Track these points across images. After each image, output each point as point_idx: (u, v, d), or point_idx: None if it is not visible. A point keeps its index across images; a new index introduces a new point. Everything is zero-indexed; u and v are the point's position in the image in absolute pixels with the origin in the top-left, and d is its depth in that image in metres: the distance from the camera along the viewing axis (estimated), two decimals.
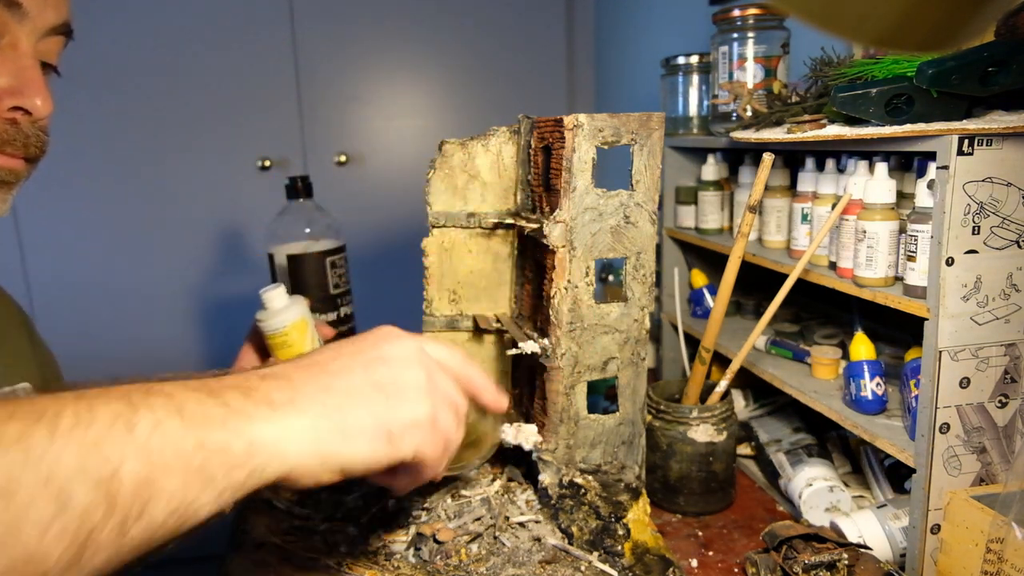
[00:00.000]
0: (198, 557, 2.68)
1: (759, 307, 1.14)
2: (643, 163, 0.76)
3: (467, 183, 0.89)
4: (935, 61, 0.65)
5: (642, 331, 0.80)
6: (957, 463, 0.69)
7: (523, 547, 0.75)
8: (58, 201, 2.12)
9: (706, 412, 0.87)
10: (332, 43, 2.22)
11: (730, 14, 0.99)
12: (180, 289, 2.25)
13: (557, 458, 0.80)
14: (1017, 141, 0.64)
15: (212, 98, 2.17)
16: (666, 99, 1.20)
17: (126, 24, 2.07)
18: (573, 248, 0.75)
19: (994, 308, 0.67)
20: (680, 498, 0.89)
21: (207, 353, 2.31)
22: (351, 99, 2.26)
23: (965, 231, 0.65)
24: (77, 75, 2.06)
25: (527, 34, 2.35)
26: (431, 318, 0.93)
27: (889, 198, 0.74)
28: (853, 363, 0.80)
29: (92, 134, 2.11)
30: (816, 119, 0.77)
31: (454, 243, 0.91)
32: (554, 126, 0.77)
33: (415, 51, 2.28)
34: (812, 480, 0.85)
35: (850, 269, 0.78)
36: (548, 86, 2.40)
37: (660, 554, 0.75)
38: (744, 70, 0.99)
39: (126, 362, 2.25)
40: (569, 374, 0.78)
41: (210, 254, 2.26)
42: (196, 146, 2.18)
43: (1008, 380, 0.69)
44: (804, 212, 0.88)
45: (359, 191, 2.30)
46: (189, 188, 2.20)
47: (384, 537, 0.77)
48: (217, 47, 2.14)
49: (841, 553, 0.71)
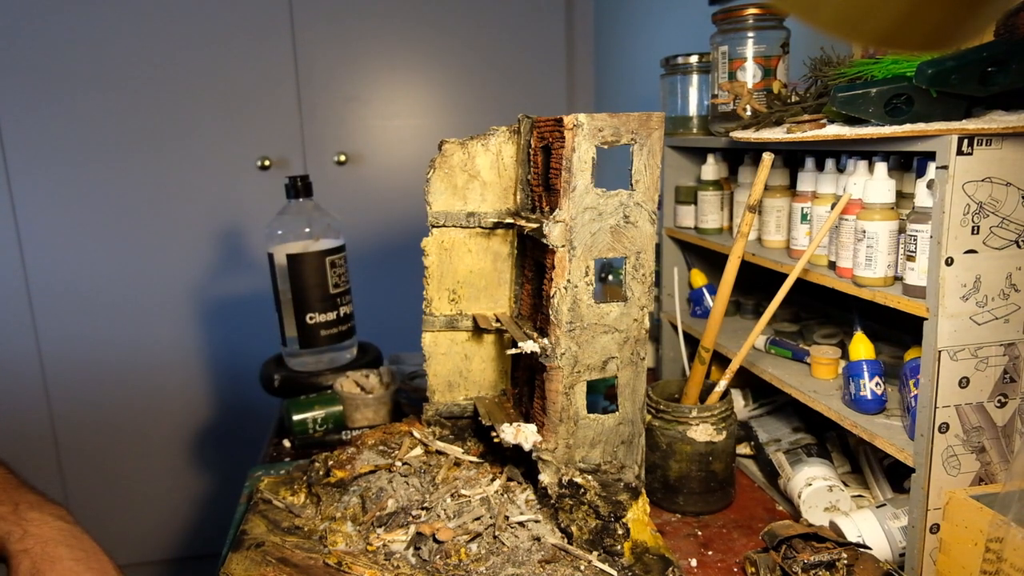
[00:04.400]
0: (198, 557, 2.68)
1: (759, 307, 1.14)
2: (643, 163, 0.76)
3: (467, 183, 0.89)
4: (935, 61, 0.65)
5: (642, 331, 0.80)
6: (956, 463, 0.69)
7: (523, 547, 0.75)
8: (58, 201, 2.12)
9: (706, 412, 0.87)
10: (332, 43, 2.22)
11: (730, 14, 0.99)
12: (180, 289, 2.25)
13: (557, 458, 0.80)
14: (1017, 141, 0.64)
15: (212, 98, 2.16)
16: (666, 99, 1.20)
17: (126, 24, 2.07)
18: (573, 248, 0.75)
19: (993, 308, 0.67)
20: (680, 498, 0.89)
21: (207, 353, 2.31)
22: (351, 99, 2.26)
23: (964, 231, 0.65)
24: (77, 75, 2.06)
25: (527, 34, 2.35)
26: (431, 318, 0.93)
27: (889, 198, 0.74)
28: (852, 363, 0.80)
29: (92, 134, 2.11)
30: (816, 119, 0.77)
31: (454, 243, 0.91)
32: (554, 126, 0.77)
33: (415, 51, 2.28)
34: (811, 480, 0.85)
35: (850, 269, 0.78)
36: (548, 86, 2.40)
37: (659, 553, 0.75)
38: (744, 70, 0.99)
39: (126, 362, 2.25)
40: (569, 374, 0.78)
41: (210, 254, 2.26)
42: (196, 146, 2.18)
43: (1007, 380, 0.69)
44: (804, 212, 0.88)
45: (359, 191, 2.30)
46: (189, 188, 2.20)
47: (384, 537, 0.77)
48: (217, 47, 2.14)
49: (840, 553, 0.71)
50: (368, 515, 0.80)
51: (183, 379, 2.32)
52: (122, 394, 2.28)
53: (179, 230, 2.22)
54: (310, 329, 1.28)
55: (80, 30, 2.04)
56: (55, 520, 0.70)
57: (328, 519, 0.80)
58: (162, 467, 2.36)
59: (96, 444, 2.29)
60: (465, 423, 0.97)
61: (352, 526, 0.79)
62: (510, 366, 0.97)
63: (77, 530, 0.71)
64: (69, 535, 0.70)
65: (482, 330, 0.93)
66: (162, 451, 2.35)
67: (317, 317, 1.28)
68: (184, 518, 2.41)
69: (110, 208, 2.16)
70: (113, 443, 2.31)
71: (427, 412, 0.96)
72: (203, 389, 2.35)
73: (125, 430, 2.30)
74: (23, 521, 0.69)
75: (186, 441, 2.38)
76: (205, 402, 2.36)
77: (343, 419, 1.16)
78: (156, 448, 2.34)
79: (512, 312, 0.95)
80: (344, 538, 0.77)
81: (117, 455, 2.32)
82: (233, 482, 2.22)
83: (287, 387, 1.27)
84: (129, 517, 2.33)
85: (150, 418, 2.31)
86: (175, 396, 2.32)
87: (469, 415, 0.97)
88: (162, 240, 2.21)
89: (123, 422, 2.29)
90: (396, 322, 1.71)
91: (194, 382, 2.33)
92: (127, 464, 2.33)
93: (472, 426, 0.96)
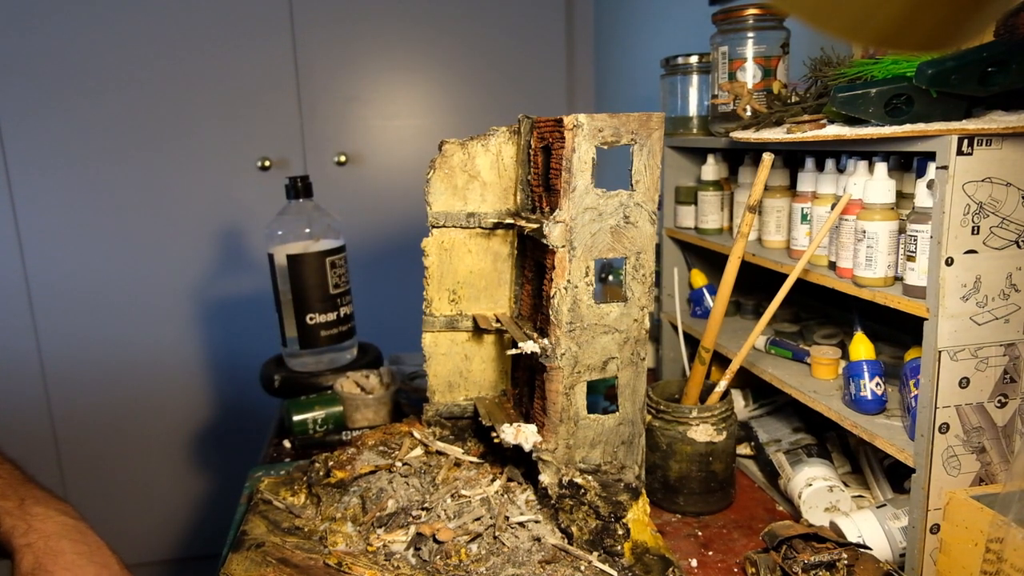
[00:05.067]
0: (198, 557, 2.67)
1: (759, 307, 1.14)
2: (643, 163, 0.76)
3: (467, 183, 0.89)
4: (935, 61, 0.65)
5: (642, 331, 0.80)
6: (956, 463, 0.69)
7: (523, 547, 0.75)
8: (58, 201, 2.12)
9: (706, 412, 0.87)
10: (332, 43, 2.21)
11: (730, 14, 0.99)
12: (180, 289, 2.25)
13: (557, 458, 0.80)
14: (1017, 141, 0.64)
15: (212, 98, 2.16)
16: (666, 99, 1.20)
17: (126, 25, 2.07)
18: (573, 248, 0.75)
19: (993, 308, 0.67)
20: (680, 498, 0.89)
21: (207, 353, 2.31)
22: (351, 99, 2.26)
23: (964, 231, 0.65)
24: (77, 76, 2.06)
25: (527, 34, 2.35)
26: (431, 318, 0.93)
27: (889, 198, 0.74)
28: (853, 363, 0.80)
29: (92, 134, 2.11)
30: (816, 119, 0.77)
31: (454, 243, 0.91)
32: (554, 126, 0.77)
33: (415, 51, 2.28)
34: (812, 480, 0.85)
35: (850, 269, 0.78)
36: (548, 86, 2.40)
37: (660, 554, 0.75)
38: (744, 70, 0.99)
39: (126, 362, 2.25)
40: (569, 374, 0.78)
41: (210, 254, 2.26)
42: (196, 146, 2.18)
43: (1007, 380, 0.69)
44: (804, 212, 0.88)
45: (359, 191, 2.30)
46: (189, 188, 2.20)
47: (384, 537, 0.77)
48: (217, 47, 2.14)
49: (841, 553, 0.71)
50: (368, 515, 0.80)
51: (183, 379, 2.32)
52: (122, 394, 2.28)
53: (179, 230, 2.22)
54: (310, 329, 1.28)
55: (80, 31, 2.04)
56: (59, 515, 0.71)
57: (328, 519, 0.80)
58: (162, 467, 2.36)
59: (96, 444, 2.29)
60: (465, 423, 0.97)
61: (352, 526, 0.79)
62: (510, 366, 0.97)
63: (82, 525, 0.72)
64: (73, 530, 0.70)
65: (482, 330, 0.93)
66: (162, 451, 2.35)
67: (317, 317, 1.28)
68: (184, 518, 2.41)
69: (110, 208, 2.16)
70: (113, 443, 2.31)
71: (427, 412, 0.96)
72: (203, 389, 2.35)
73: (125, 430, 2.30)
74: (28, 516, 0.70)
75: (186, 441, 2.38)
76: (205, 402, 2.36)
77: (343, 419, 1.16)
78: (156, 448, 2.34)
79: (512, 312, 0.95)
80: (344, 538, 0.77)
81: (117, 455, 2.32)
82: (233, 482, 2.22)
83: (287, 387, 1.27)
84: (129, 517, 2.33)
85: (150, 418, 2.31)
86: (175, 396, 2.32)
87: (469, 415, 0.97)
88: (162, 240, 2.21)
89: (123, 422, 2.29)
90: (396, 322, 1.71)
91: (194, 382, 2.33)
92: (127, 464, 2.33)
93: (472, 426, 0.96)
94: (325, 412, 1.15)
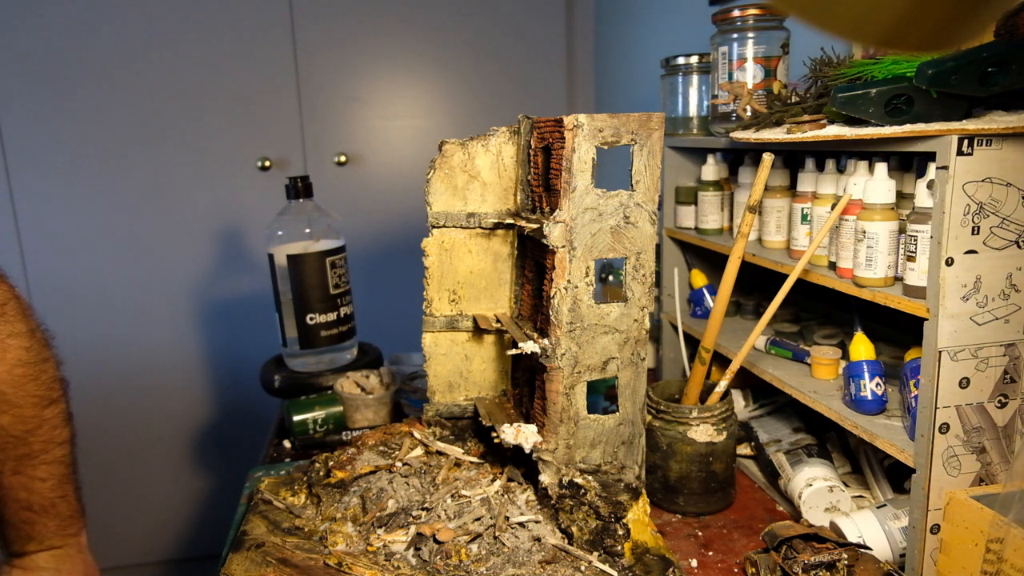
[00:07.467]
0: (198, 558, 2.67)
1: (759, 307, 1.14)
2: (643, 163, 0.76)
3: (467, 183, 0.89)
4: (935, 61, 0.65)
5: (642, 331, 0.80)
6: (957, 463, 0.69)
7: (523, 547, 0.75)
8: (58, 201, 2.12)
9: (706, 412, 0.87)
10: (332, 43, 2.21)
11: (730, 14, 0.99)
12: (180, 289, 2.25)
13: (557, 458, 0.80)
14: (1017, 141, 0.64)
15: (212, 98, 2.16)
16: (666, 99, 1.20)
17: (126, 25, 2.07)
18: (573, 248, 0.75)
19: (994, 308, 0.67)
20: (680, 498, 0.89)
21: (207, 353, 2.31)
22: (351, 99, 2.26)
23: (965, 231, 0.65)
24: (77, 76, 2.06)
25: (527, 34, 2.35)
26: (431, 318, 0.93)
27: (889, 198, 0.74)
28: (853, 363, 0.80)
29: (92, 134, 2.11)
30: (816, 119, 0.77)
31: (454, 243, 0.91)
32: (554, 126, 0.77)
33: (415, 51, 2.28)
34: (812, 480, 0.85)
35: (850, 269, 0.78)
36: (548, 86, 2.40)
37: (660, 554, 0.75)
38: (744, 70, 0.99)
39: (126, 362, 2.25)
40: (569, 374, 0.78)
41: (210, 254, 2.26)
42: (196, 146, 2.18)
43: (1007, 380, 0.69)
44: (804, 212, 0.88)
45: (359, 191, 2.30)
46: (190, 189, 2.20)
47: (384, 538, 0.77)
48: (217, 47, 2.14)
49: (841, 553, 0.71)
50: (368, 516, 0.80)
51: (183, 379, 2.32)
52: (122, 394, 2.27)
53: (180, 231, 2.22)
54: (310, 330, 1.28)
55: (81, 30, 2.04)
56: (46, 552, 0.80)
57: (328, 520, 0.80)
58: (162, 467, 2.36)
59: (96, 444, 2.29)
60: (465, 424, 0.97)
61: (352, 527, 0.79)
62: (510, 366, 0.97)
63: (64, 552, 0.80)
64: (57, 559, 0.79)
65: (482, 331, 0.93)
66: (162, 451, 2.35)
67: (317, 318, 1.28)
68: (184, 519, 2.41)
69: (110, 208, 2.16)
70: (113, 443, 2.30)
71: (427, 412, 0.96)
72: (203, 390, 2.35)
73: (125, 430, 2.30)
74: None
75: (186, 441, 2.38)
76: (205, 403, 2.36)
77: (343, 420, 1.16)
78: (156, 448, 2.34)
79: (512, 313, 0.95)
80: (344, 539, 0.77)
81: (117, 455, 2.32)
82: (233, 482, 2.22)
83: (287, 388, 1.27)
84: (129, 518, 2.33)
85: (150, 418, 2.31)
86: (175, 397, 2.32)
87: (469, 416, 0.97)
88: (162, 241, 2.21)
89: (123, 422, 2.29)
90: (396, 323, 1.71)
91: (194, 382, 2.33)
92: (127, 465, 2.33)
93: (472, 427, 0.96)
94: (325, 412, 1.15)
